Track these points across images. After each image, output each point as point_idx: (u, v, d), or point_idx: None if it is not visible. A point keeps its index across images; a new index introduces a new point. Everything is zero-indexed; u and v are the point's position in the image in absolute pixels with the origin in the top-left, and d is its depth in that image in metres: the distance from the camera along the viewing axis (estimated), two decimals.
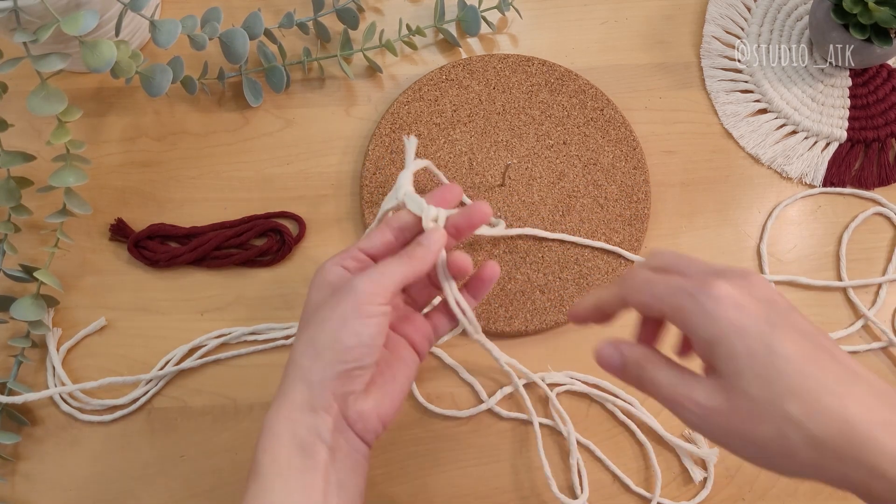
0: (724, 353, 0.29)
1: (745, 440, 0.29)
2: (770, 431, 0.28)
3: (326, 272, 0.38)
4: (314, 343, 0.35)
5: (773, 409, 0.28)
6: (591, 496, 0.50)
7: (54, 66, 0.45)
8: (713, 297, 0.30)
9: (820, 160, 0.58)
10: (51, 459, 0.50)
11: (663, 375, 0.32)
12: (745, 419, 0.29)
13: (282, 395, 0.35)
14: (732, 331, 0.29)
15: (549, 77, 0.58)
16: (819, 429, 0.27)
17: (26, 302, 0.49)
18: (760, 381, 0.28)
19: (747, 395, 0.28)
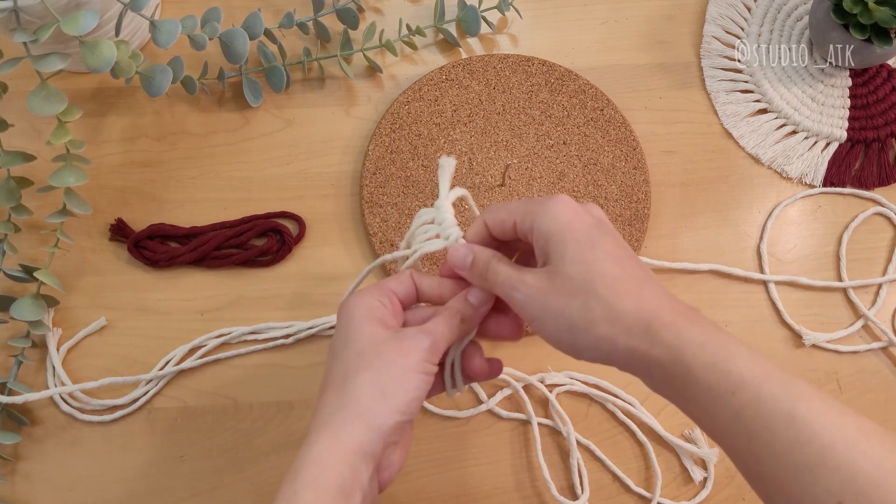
0: (556, 241, 0.34)
1: (558, 313, 0.34)
2: (578, 304, 0.33)
3: (371, 306, 0.37)
4: (381, 384, 0.34)
5: (585, 286, 0.33)
6: (591, 496, 0.50)
7: (54, 66, 0.45)
8: (557, 201, 0.35)
9: (820, 160, 0.58)
10: (51, 459, 0.50)
11: (504, 269, 0.36)
12: (560, 294, 0.34)
13: (335, 427, 0.34)
14: (567, 226, 0.34)
15: (549, 77, 0.58)
16: (618, 304, 0.32)
17: (26, 302, 0.49)
18: (579, 264, 0.33)
19: (567, 274, 0.34)
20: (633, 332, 0.32)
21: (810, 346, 0.53)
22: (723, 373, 0.31)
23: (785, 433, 0.29)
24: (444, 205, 0.40)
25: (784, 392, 0.30)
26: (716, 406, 0.31)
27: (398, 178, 0.55)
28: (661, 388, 0.33)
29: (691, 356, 0.31)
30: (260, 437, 0.51)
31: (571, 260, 0.34)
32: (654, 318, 0.32)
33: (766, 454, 0.30)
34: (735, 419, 0.30)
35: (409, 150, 0.56)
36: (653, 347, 0.32)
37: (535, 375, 0.52)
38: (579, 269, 0.33)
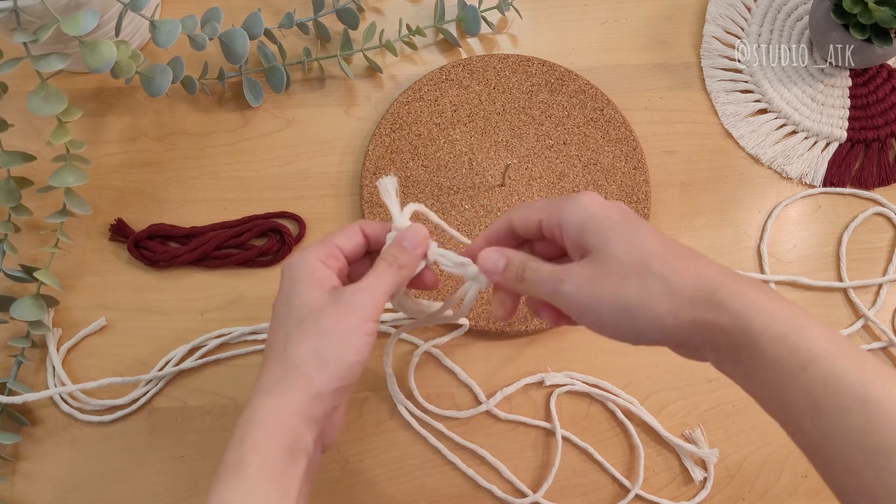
0: (593, 229, 0.33)
1: (612, 298, 0.32)
2: (633, 285, 0.32)
3: (312, 268, 0.37)
4: (321, 353, 0.35)
5: (638, 266, 0.32)
6: (590, 496, 0.50)
7: (54, 66, 0.45)
8: (583, 195, 0.35)
9: (820, 160, 0.58)
10: (51, 459, 0.50)
11: (544, 268, 0.35)
12: (612, 278, 0.32)
13: (278, 394, 0.34)
14: (600, 215, 0.34)
15: (549, 77, 0.58)
16: (677, 279, 0.31)
17: (26, 302, 0.49)
18: (626, 245, 0.32)
19: (616, 257, 0.32)
20: (696, 304, 0.31)
21: None
22: (793, 346, 0.29)
23: (859, 414, 0.28)
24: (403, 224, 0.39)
25: (858, 370, 0.29)
26: (784, 382, 0.29)
27: (398, 178, 0.55)
28: (727, 361, 0.32)
29: (760, 326, 0.30)
30: None
31: (617, 243, 0.33)
32: (718, 286, 0.31)
33: (837, 435, 0.28)
34: (804, 397, 0.29)
35: (409, 151, 0.56)
36: (719, 316, 0.30)
37: (536, 376, 0.52)
38: (628, 251, 0.32)
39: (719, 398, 0.52)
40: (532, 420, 0.51)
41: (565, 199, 0.35)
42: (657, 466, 0.51)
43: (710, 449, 0.50)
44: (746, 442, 0.51)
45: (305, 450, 0.34)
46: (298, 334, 0.35)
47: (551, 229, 0.36)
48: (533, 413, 0.51)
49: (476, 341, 0.53)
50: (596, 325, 0.34)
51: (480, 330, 0.52)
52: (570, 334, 0.53)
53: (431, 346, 0.52)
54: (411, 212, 0.40)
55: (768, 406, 0.31)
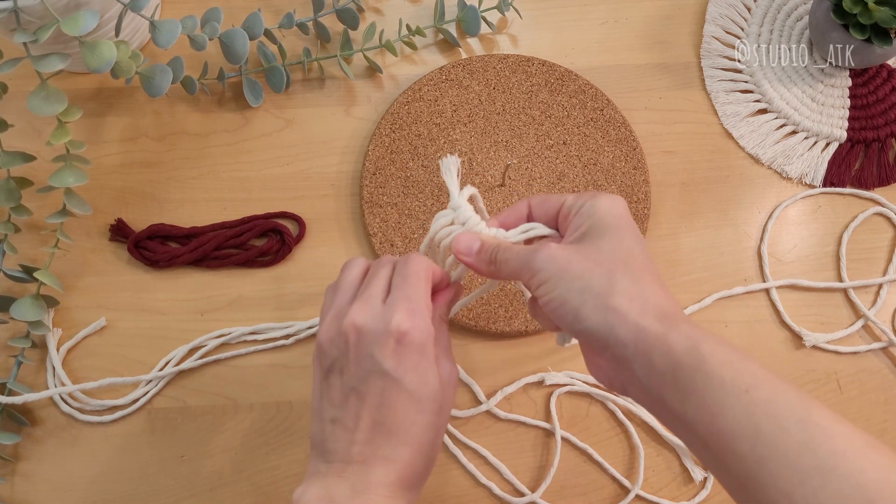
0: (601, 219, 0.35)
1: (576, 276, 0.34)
2: (602, 273, 0.33)
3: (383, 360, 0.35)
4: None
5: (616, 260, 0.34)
6: (590, 496, 0.50)
7: (54, 66, 0.45)
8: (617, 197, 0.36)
9: (820, 160, 0.58)
10: (51, 460, 0.50)
11: (517, 247, 0.37)
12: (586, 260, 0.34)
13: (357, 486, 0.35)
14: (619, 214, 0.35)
15: (549, 77, 0.58)
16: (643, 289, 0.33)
17: (26, 302, 0.49)
18: (617, 242, 0.34)
19: (601, 246, 0.34)
20: (647, 315, 0.32)
21: (810, 346, 0.53)
22: (738, 370, 0.30)
23: (797, 435, 0.29)
24: (462, 203, 0.40)
25: (797, 397, 0.30)
26: (726, 402, 0.30)
27: (398, 179, 0.55)
28: (658, 377, 0.32)
29: (709, 350, 0.31)
30: (260, 437, 0.51)
31: (611, 237, 0.34)
32: (674, 312, 0.33)
33: (773, 456, 0.29)
34: (745, 418, 0.30)
35: (409, 151, 0.56)
36: (670, 332, 0.31)
37: (536, 375, 0.52)
38: (615, 246, 0.34)
39: None
40: (532, 420, 0.51)
41: (599, 193, 0.37)
42: (657, 466, 0.51)
43: None
44: None
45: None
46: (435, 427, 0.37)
47: (568, 209, 0.37)
48: (533, 413, 0.51)
49: (476, 341, 0.53)
50: (548, 296, 0.34)
51: (480, 330, 0.52)
52: None
53: None
54: (469, 195, 0.41)
55: (699, 428, 0.31)
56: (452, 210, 0.40)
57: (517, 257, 0.36)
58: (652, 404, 0.33)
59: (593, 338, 0.33)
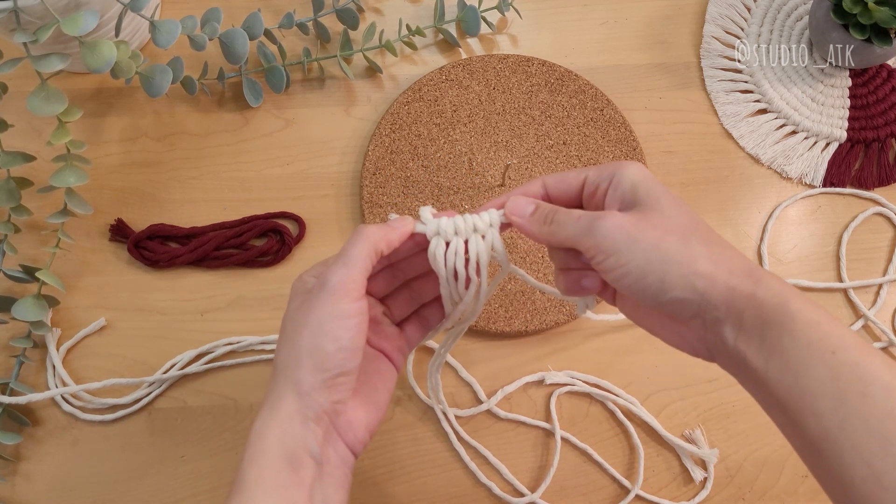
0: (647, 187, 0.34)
1: (651, 245, 0.32)
2: (676, 240, 0.32)
3: (304, 282, 0.36)
4: (296, 350, 0.34)
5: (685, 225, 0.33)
6: (590, 496, 0.50)
7: (54, 66, 0.45)
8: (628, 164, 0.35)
9: (820, 160, 0.58)
10: (51, 459, 0.50)
11: (577, 211, 0.35)
12: (656, 228, 0.32)
13: (270, 403, 0.34)
14: (655, 180, 0.34)
15: (549, 77, 0.58)
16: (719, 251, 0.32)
17: (28, 302, 0.49)
18: (678, 208, 0.33)
19: (665, 212, 0.33)
20: (735, 274, 0.31)
21: None
22: (826, 332, 0.30)
23: (882, 402, 0.28)
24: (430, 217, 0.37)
25: (884, 364, 0.29)
26: (810, 363, 0.30)
27: (398, 179, 0.55)
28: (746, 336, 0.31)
29: (797, 307, 0.30)
30: None
31: (669, 204, 0.33)
32: (758, 268, 0.32)
33: (855, 420, 0.29)
34: (830, 380, 0.29)
35: (408, 151, 0.56)
36: (758, 289, 0.31)
37: (536, 374, 0.52)
38: (679, 212, 0.33)
39: (719, 398, 0.52)
40: (532, 420, 0.51)
41: (616, 163, 0.36)
42: (657, 466, 0.51)
43: (710, 449, 0.50)
44: (746, 442, 0.51)
45: (310, 455, 0.33)
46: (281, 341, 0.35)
47: (596, 184, 0.36)
48: (533, 413, 0.51)
49: (476, 341, 0.53)
50: (622, 269, 0.33)
51: (480, 330, 0.52)
52: (570, 334, 0.53)
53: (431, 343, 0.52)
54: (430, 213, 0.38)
55: (779, 388, 0.30)
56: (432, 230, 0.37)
57: (577, 222, 0.34)
58: (734, 367, 0.33)
59: (683, 307, 0.32)
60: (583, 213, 0.34)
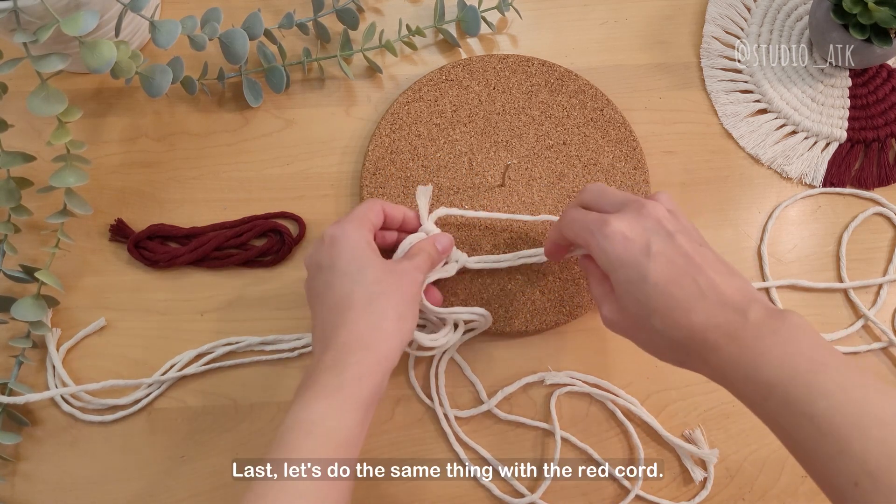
0: (614, 280, 0.39)
1: (634, 339, 0.40)
2: (645, 337, 0.39)
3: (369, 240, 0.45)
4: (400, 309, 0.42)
5: (645, 322, 0.38)
6: (590, 496, 0.50)
7: (54, 66, 0.45)
8: (605, 234, 0.38)
9: (820, 160, 0.58)
10: (51, 460, 0.50)
11: (594, 288, 0.42)
12: (630, 327, 0.40)
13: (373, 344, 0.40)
14: (618, 264, 0.38)
15: (549, 77, 0.58)
16: (673, 335, 0.37)
17: (27, 302, 0.49)
18: (635, 303, 0.38)
19: (629, 311, 0.39)
20: (690, 355, 0.37)
21: None
22: (755, 383, 0.34)
23: (808, 430, 0.32)
24: (431, 227, 0.50)
25: (806, 392, 0.33)
26: (756, 411, 0.35)
27: (398, 178, 0.55)
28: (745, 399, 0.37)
29: (731, 372, 0.35)
30: (260, 438, 0.51)
31: (629, 299, 0.38)
32: (702, 342, 0.36)
33: (799, 449, 0.33)
34: (772, 421, 0.35)
35: (408, 151, 0.56)
36: (704, 368, 0.37)
37: (536, 375, 0.52)
38: (636, 308, 0.38)
39: (719, 398, 0.52)
40: (532, 421, 0.51)
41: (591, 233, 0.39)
42: (657, 466, 0.51)
43: (710, 449, 0.50)
44: (746, 442, 0.51)
45: (381, 394, 0.41)
46: (379, 291, 0.41)
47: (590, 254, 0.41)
48: (533, 413, 0.51)
49: (476, 341, 0.53)
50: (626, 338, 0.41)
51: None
52: (570, 334, 0.53)
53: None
54: (437, 217, 0.51)
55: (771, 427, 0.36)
56: (424, 233, 0.49)
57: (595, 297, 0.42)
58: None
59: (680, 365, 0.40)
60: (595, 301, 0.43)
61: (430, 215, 0.51)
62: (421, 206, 0.50)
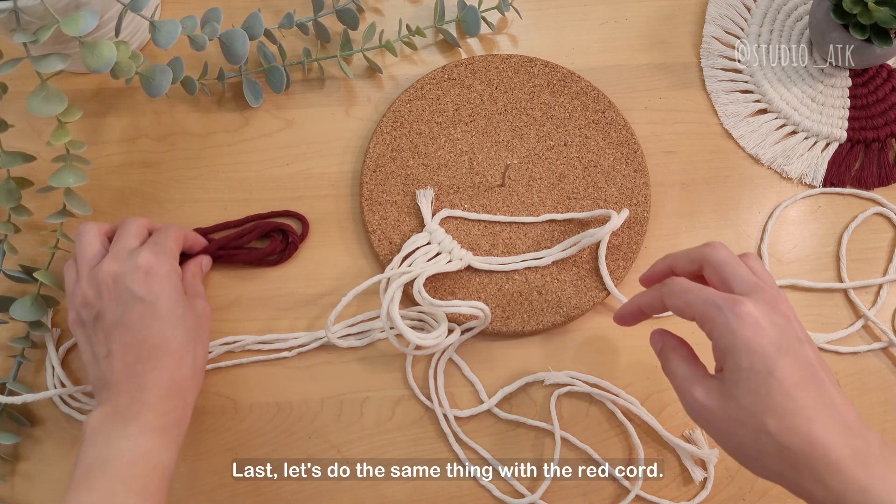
0: (732, 363, 0.35)
1: (727, 437, 0.35)
2: (748, 436, 0.34)
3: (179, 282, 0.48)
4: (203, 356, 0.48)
5: (755, 419, 0.34)
6: (590, 497, 0.50)
7: (54, 66, 0.45)
8: (737, 314, 0.35)
9: (820, 160, 0.58)
10: (50, 460, 0.50)
11: (680, 368, 0.39)
12: (730, 421, 0.35)
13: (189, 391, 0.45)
14: (745, 347, 0.34)
15: (552, 78, 0.58)
16: (787, 441, 0.33)
17: (26, 302, 0.49)
18: (752, 395, 0.34)
19: (738, 402, 0.34)
20: (799, 470, 0.33)
21: None
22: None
23: None
24: (435, 227, 0.51)
25: None
26: None
27: (398, 177, 0.55)
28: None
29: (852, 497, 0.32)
30: (260, 437, 0.51)
31: (746, 389, 0.34)
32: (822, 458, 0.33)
33: None
34: None
35: (409, 149, 0.56)
36: (816, 489, 0.33)
37: (536, 375, 0.52)
38: (752, 401, 0.34)
39: None
40: (531, 420, 0.51)
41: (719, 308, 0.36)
42: (657, 467, 0.51)
43: (711, 449, 0.50)
44: None
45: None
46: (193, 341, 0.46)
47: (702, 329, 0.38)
48: (533, 413, 0.51)
49: (476, 341, 0.53)
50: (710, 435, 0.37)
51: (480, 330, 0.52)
52: (570, 335, 0.53)
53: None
54: (440, 218, 0.53)
55: None
56: (428, 233, 0.51)
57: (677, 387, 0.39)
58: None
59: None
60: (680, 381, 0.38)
61: (434, 217, 0.52)
62: (423, 209, 0.52)
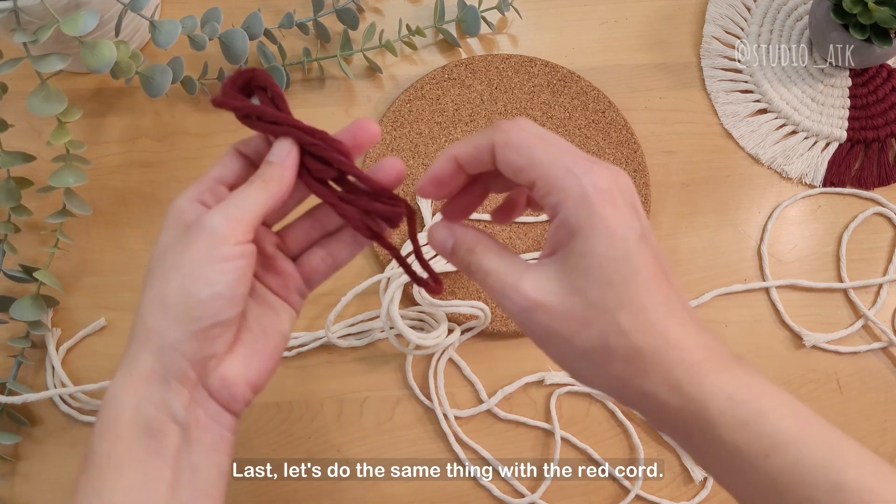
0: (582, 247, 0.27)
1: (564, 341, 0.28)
2: (593, 337, 0.27)
3: (182, 210, 0.30)
4: (162, 298, 0.28)
5: (605, 315, 0.27)
6: (590, 497, 0.50)
7: (54, 66, 0.45)
8: (597, 186, 0.27)
9: (820, 160, 0.58)
10: (50, 460, 0.50)
11: (493, 262, 0.29)
12: (572, 320, 0.27)
13: (125, 364, 0.29)
14: (603, 228, 0.27)
15: (552, 78, 0.58)
16: (641, 341, 0.26)
17: (26, 302, 0.49)
18: (604, 286, 0.27)
19: (585, 296, 0.27)
20: (650, 375, 0.27)
21: (810, 347, 0.53)
22: (755, 432, 0.26)
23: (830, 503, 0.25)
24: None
25: (829, 455, 0.25)
26: (745, 469, 0.26)
27: None
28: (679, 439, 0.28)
29: (717, 412, 0.26)
30: (260, 437, 0.51)
31: (597, 279, 0.27)
32: (679, 360, 0.27)
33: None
34: (769, 485, 0.26)
35: (409, 149, 0.56)
36: (671, 397, 0.27)
37: (536, 374, 0.52)
38: (603, 294, 0.27)
39: None
40: (532, 420, 0.51)
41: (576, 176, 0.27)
42: (657, 466, 0.51)
43: None
44: None
45: (173, 419, 0.28)
46: (144, 288, 0.30)
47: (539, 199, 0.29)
48: (533, 413, 0.51)
49: (476, 341, 0.53)
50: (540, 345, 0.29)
51: (480, 329, 0.52)
52: None
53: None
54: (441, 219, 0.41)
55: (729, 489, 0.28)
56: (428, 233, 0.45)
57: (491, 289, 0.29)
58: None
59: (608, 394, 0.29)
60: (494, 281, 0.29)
61: (434, 217, 0.52)
62: (424, 209, 0.52)
